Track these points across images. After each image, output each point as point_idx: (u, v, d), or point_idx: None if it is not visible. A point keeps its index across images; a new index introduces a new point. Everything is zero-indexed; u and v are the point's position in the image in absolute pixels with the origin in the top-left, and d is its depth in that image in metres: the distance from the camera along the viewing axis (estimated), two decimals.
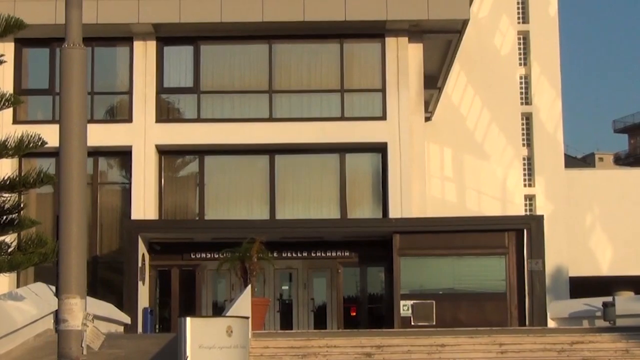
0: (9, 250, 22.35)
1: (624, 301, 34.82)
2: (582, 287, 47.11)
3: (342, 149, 40.59)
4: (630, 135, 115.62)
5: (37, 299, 27.06)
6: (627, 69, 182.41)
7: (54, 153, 13.79)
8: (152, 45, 40.51)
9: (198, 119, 40.60)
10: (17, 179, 23.10)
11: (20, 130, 23.15)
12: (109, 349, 17.72)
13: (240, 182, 41.40)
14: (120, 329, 32.96)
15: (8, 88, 32.91)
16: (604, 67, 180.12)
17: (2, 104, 22.57)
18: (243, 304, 26.62)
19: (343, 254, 40.19)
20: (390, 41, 40.41)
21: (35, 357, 23.19)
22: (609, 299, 35.37)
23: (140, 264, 37.74)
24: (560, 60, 52.65)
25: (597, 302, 36.24)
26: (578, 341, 24.30)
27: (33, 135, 21.89)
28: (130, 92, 40.53)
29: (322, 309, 40.62)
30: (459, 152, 50.87)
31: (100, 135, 33.16)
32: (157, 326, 37.52)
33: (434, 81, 46.17)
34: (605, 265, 50.46)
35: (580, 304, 38.88)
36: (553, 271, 44.21)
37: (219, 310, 37.86)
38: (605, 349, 23.62)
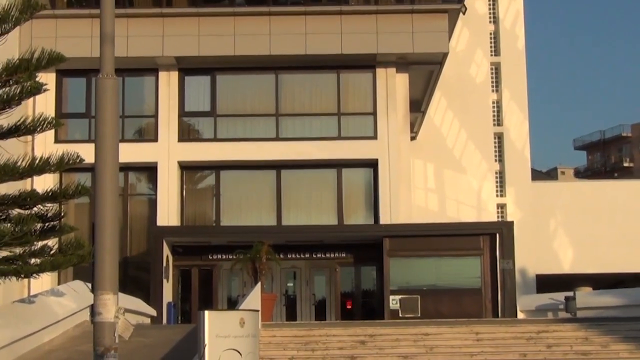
0: (51, 252, 22.31)
1: (583, 296, 34.80)
2: (546, 283, 47.05)
3: (338, 165, 40.57)
4: (588, 152, 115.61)
5: (76, 295, 27.03)
6: (585, 95, 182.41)
7: (90, 168, 13.75)
8: (174, 75, 40.53)
9: (214, 139, 40.57)
10: (58, 191, 23.08)
11: (61, 149, 23.13)
12: (137, 338, 17.66)
13: (251, 193, 41.35)
14: (147, 320, 32.91)
15: (50, 112, 32.89)
16: (565, 93, 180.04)
17: (45, 126, 22.54)
18: (253, 298, 26.60)
19: (340, 255, 40.17)
20: (380, 71, 40.43)
21: (74, 345, 23.14)
22: (570, 294, 35.34)
23: (164, 264, 37.71)
24: (527, 87, 52.67)
25: (560, 296, 36.23)
26: (543, 330, 24.28)
27: (72, 154, 21.85)
28: (155, 116, 40.52)
29: (322, 303, 40.57)
30: (440, 166, 50.85)
31: (130, 152, 33.09)
32: (179, 318, 37.44)
33: (418, 105, 46.15)
34: (567, 264, 50.36)
35: (546, 298, 38.87)
36: (521, 270, 44.14)
37: (232, 304, 37.80)
38: (567, 337, 23.60)
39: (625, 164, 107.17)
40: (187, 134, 40.86)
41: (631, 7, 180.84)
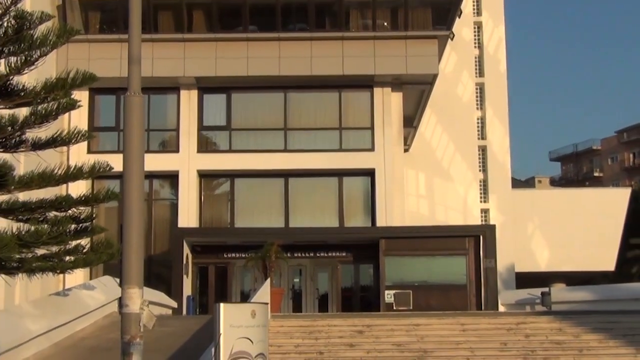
0: (84, 250, 22.32)
1: (558, 291, 34.77)
2: (525, 280, 47.01)
3: (339, 174, 40.60)
4: (563, 163, 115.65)
5: (105, 289, 27.06)
6: (560, 112, 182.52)
7: (119, 176, 13.75)
8: (194, 93, 40.60)
9: (230, 150, 40.64)
10: (91, 196, 23.10)
11: (93, 158, 23.18)
12: (160, 327, 17.66)
13: (262, 198, 41.38)
14: (169, 311, 32.92)
15: (83, 126, 32.99)
16: (542, 110, 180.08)
17: (78, 138, 22.55)
18: (264, 292, 26.61)
19: (341, 254, 40.17)
20: (377, 91, 40.48)
21: (103, 333, 23.16)
22: (545, 289, 35.32)
23: (184, 262, 37.74)
24: (508, 105, 52.75)
25: (537, 292, 36.25)
26: (522, 322, 24.27)
27: (102, 163, 21.86)
28: (177, 129, 40.58)
29: (325, 296, 40.57)
30: (430, 175, 50.84)
31: (154, 162, 33.10)
32: (197, 310, 37.44)
33: (411, 121, 46.14)
34: (543, 263, 50.36)
35: (524, 293, 38.88)
36: (502, 268, 44.07)
37: (245, 297, 37.81)
38: (543, 328, 23.59)
39: (596, 174, 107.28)
40: (205, 146, 40.90)
41: (599, 32, 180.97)
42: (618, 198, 53.00)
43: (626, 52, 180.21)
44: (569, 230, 49.73)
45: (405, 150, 46.96)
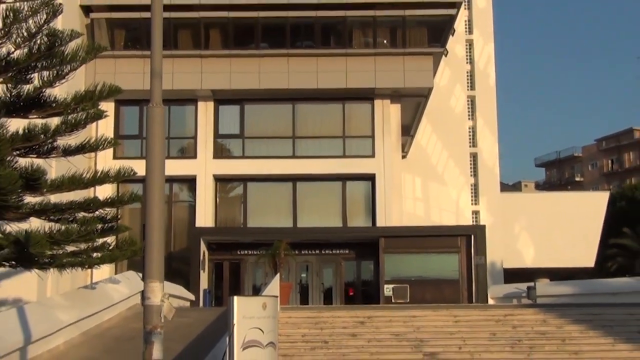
0: (110, 248, 22.35)
1: (542, 286, 34.78)
2: (512, 275, 47.02)
3: (343, 178, 40.62)
4: (547, 168, 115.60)
5: (129, 282, 27.07)
6: (544, 122, 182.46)
7: (142, 180, 13.75)
8: (210, 104, 40.66)
9: (243, 156, 40.68)
10: (116, 198, 23.14)
11: (118, 164, 23.20)
12: (179, 318, 17.66)
13: (272, 200, 41.39)
14: (187, 304, 32.91)
15: (109, 134, 33.09)
16: (528, 120, 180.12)
17: (105, 145, 22.58)
18: (273, 286, 26.58)
19: (344, 251, 40.19)
20: (377, 102, 40.50)
21: (127, 323, 23.16)
22: (531, 284, 35.35)
23: (201, 258, 37.77)
24: (497, 115, 52.80)
25: (523, 286, 36.26)
26: (510, 314, 24.23)
27: (127, 168, 21.90)
28: (195, 137, 40.62)
29: (329, 290, 40.55)
30: (426, 180, 50.86)
31: (174, 167, 33.16)
32: (213, 302, 37.43)
33: (408, 130, 46.17)
34: (528, 260, 50.31)
35: (511, 288, 38.92)
36: (492, 264, 44.08)
37: (256, 291, 37.80)
38: (528, 319, 23.56)
39: (577, 179, 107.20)
40: (220, 153, 40.93)
41: (580, 49, 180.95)
42: (597, 201, 53.05)
43: (605, 66, 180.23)
44: (553, 230, 49.74)
45: (403, 157, 46.99)
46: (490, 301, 37.66)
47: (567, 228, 49.33)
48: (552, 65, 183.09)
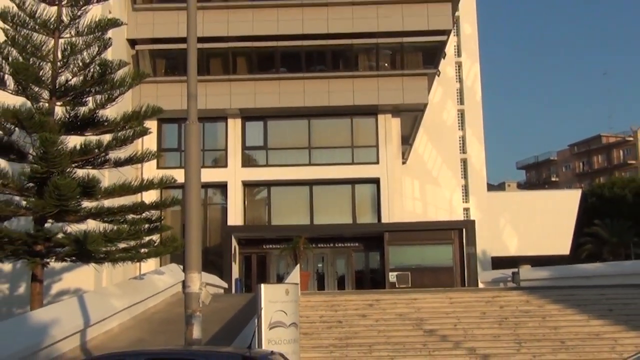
0: (155, 244, 22.45)
1: (525, 271, 34.59)
2: (499, 263, 46.96)
3: (352, 182, 40.53)
4: (527, 170, 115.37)
5: (172, 273, 27.16)
6: (524, 131, 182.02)
7: (181, 186, 13.83)
8: (238, 121, 40.69)
9: (266, 165, 40.66)
10: (159, 202, 23.25)
11: (161, 173, 23.31)
12: (215, 303, 17.73)
13: (292, 202, 41.37)
14: (221, 291, 32.97)
15: (153, 147, 33.09)
16: (510, 130, 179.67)
17: (149, 157, 22.73)
18: (294, 275, 26.59)
19: (354, 244, 40.09)
20: (380, 117, 40.44)
21: (171, 309, 23.22)
22: (515, 270, 35.16)
23: (232, 252, 37.78)
24: (483, 126, 52.87)
25: (508, 272, 36.13)
26: (497, 295, 24.18)
27: (168, 176, 22.02)
28: (225, 149, 40.65)
29: (342, 278, 40.49)
30: (423, 182, 50.89)
31: (208, 175, 33.23)
32: (243, 289, 37.48)
33: (407, 140, 46.10)
34: (512, 249, 50.26)
35: (498, 273, 38.79)
36: (481, 253, 44.03)
37: (280, 279, 37.81)
38: (514, 300, 23.50)
39: (553, 179, 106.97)
40: (247, 162, 40.95)
41: (551, 65, 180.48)
42: (571, 198, 53.04)
43: (576, 82, 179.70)
44: (533, 223, 49.71)
45: (403, 163, 46.95)
46: (480, 285, 37.53)
47: (545, 221, 49.27)
48: (530, 81, 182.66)
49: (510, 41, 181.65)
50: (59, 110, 21.23)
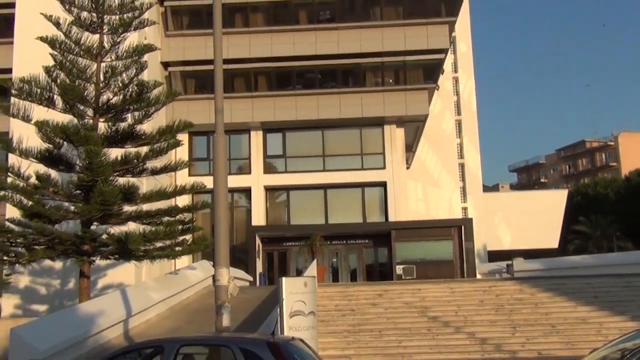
0: (188, 243, 22.52)
1: (518, 263, 34.36)
2: (494, 256, 46.81)
3: (362, 185, 40.54)
4: (518, 173, 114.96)
5: (203, 269, 27.21)
6: (515, 138, 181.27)
7: (210, 191, 13.89)
8: (260, 133, 40.80)
9: (286, 171, 40.72)
10: (191, 205, 23.35)
11: (192, 180, 23.40)
12: (241, 295, 17.77)
13: (308, 204, 41.40)
14: (247, 284, 33.03)
15: (185, 157, 33.37)
16: (502, 137, 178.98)
17: (182, 166, 22.82)
18: (312, 269, 26.57)
19: (364, 241, 40.06)
20: (386, 127, 40.42)
21: (203, 300, 23.27)
22: (509, 262, 34.98)
23: (256, 249, 37.87)
24: (479, 134, 52.74)
25: (503, 264, 35.92)
26: (493, 285, 24.06)
27: (199, 183, 22.10)
28: (249, 158, 40.76)
29: (354, 271, 40.40)
30: (425, 185, 50.79)
31: (234, 181, 33.35)
32: (266, 282, 37.55)
33: (410, 147, 46.12)
34: (506, 244, 50.08)
35: (494, 265, 38.58)
36: (478, 248, 43.87)
37: (299, 273, 37.82)
38: (508, 289, 23.38)
39: (542, 180, 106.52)
40: (269, 169, 41.04)
41: (539, 76, 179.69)
42: (559, 197, 52.82)
43: (562, 93, 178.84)
44: (525, 220, 49.52)
45: (407, 168, 46.99)
46: (478, 276, 37.39)
47: (536, 218, 49.07)
48: (521, 92, 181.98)
49: (502, 57, 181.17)
50: (102, 126, 21.37)
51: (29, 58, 25.70)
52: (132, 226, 21.40)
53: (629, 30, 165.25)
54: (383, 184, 40.10)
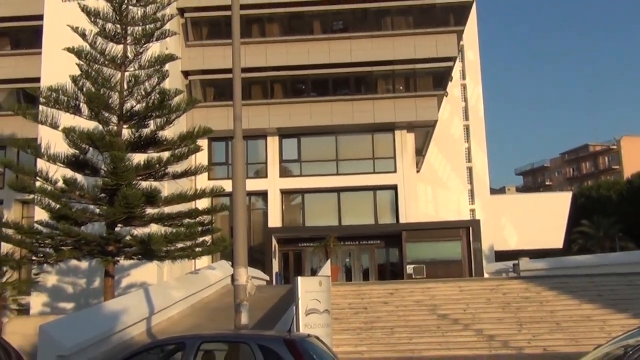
0: (207, 244, 22.58)
1: (524, 263, 34.17)
2: (501, 256, 46.51)
3: (374, 188, 40.40)
4: (524, 176, 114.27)
5: (222, 268, 27.29)
6: (520, 142, 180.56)
7: (229, 194, 13.91)
8: (276, 138, 40.80)
9: (301, 175, 40.67)
10: (211, 208, 23.40)
11: (211, 183, 23.49)
12: (259, 293, 17.78)
13: (323, 206, 41.29)
14: (264, 283, 33.06)
15: (204, 162, 33.38)
16: (508, 141, 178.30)
17: (201, 170, 22.85)
18: (326, 269, 26.61)
19: (376, 242, 39.99)
20: (397, 132, 40.30)
21: (222, 298, 23.31)
22: (516, 262, 34.78)
23: (273, 250, 37.90)
24: (486, 138, 52.49)
25: (510, 263, 35.76)
26: (500, 284, 24.00)
27: (218, 186, 22.17)
28: (265, 162, 40.75)
29: (367, 270, 40.36)
30: (434, 187, 50.62)
31: (251, 184, 33.16)
32: (282, 281, 37.56)
33: (420, 151, 45.93)
34: (513, 244, 49.77)
35: (501, 265, 38.46)
36: (485, 248, 43.65)
37: (314, 272, 37.81)
38: (515, 288, 23.30)
39: (547, 183, 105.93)
40: (284, 173, 41.02)
41: (544, 85, 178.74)
42: (563, 199, 52.59)
43: (566, 99, 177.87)
44: (530, 221, 49.25)
45: (417, 171, 46.79)
46: (486, 275, 37.25)
47: (541, 219, 48.81)
48: (526, 99, 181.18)
49: (508, 64, 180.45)
50: (126, 132, 21.47)
51: (57, 68, 25.89)
52: (154, 228, 21.48)
53: (634, 32, 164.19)
54: (394, 187, 40.00)
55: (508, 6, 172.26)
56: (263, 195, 40.60)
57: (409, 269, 36.82)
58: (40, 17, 35.42)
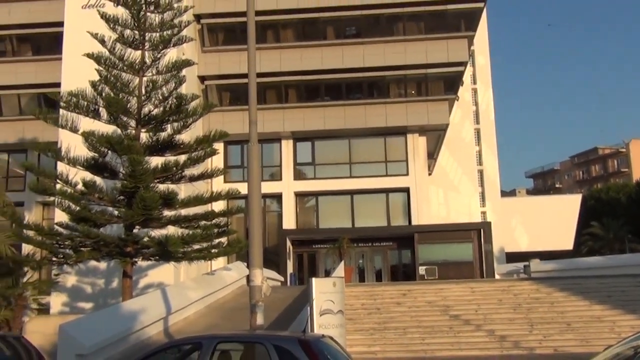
0: (223, 245, 22.58)
1: (535, 264, 33.90)
2: (512, 257, 46.17)
3: (387, 191, 40.28)
4: (534, 179, 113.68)
5: (238, 269, 27.30)
6: (531, 145, 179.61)
7: (245, 197, 13.89)
8: (290, 142, 40.80)
9: (314, 178, 40.64)
10: (227, 210, 23.40)
11: (227, 186, 23.48)
12: (274, 294, 17.74)
13: (336, 208, 41.22)
14: (279, 284, 33.05)
15: (220, 165, 33.44)
16: (519, 145, 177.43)
17: (218, 173, 22.89)
18: (340, 270, 26.55)
19: (389, 243, 39.83)
20: (409, 136, 40.17)
21: (238, 299, 23.32)
22: (526, 263, 34.53)
23: (287, 251, 37.86)
24: (497, 141, 52.16)
25: (520, 265, 35.45)
26: (512, 285, 23.83)
27: (234, 189, 22.14)
28: (280, 165, 40.77)
29: (379, 272, 40.17)
30: (446, 190, 50.34)
31: (266, 187, 33.15)
32: (297, 282, 37.51)
33: (432, 155, 45.75)
34: (523, 246, 49.42)
35: (512, 266, 38.06)
36: (496, 250, 43.35)
37: (327, 273, 37.74)
38: (526, 289, 23.13)
39: (557, 186, 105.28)
40: (299, 176, 41.02)
41: (554, 88, 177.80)
42: (573, 201, 52.22)
43: (575, 105, 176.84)
44: (541, 223, 48.93)
45: (429, 174, 46.59)
46: (497, 276, 36.95)
47: (551, 221, 48.49)
48: (536, 103, 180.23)
49: (518, 68, 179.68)
50: (143, 136, 21.52)
51: (77, 73, 25.99)
52: (171, 230, 21.53)
53: None
54: (406, 190, 39.86)
55: (518, 10, 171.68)
56: (278, 197, 40.58)
57: (421, 270, 36.67)
58: (60, 24, 35.64)
